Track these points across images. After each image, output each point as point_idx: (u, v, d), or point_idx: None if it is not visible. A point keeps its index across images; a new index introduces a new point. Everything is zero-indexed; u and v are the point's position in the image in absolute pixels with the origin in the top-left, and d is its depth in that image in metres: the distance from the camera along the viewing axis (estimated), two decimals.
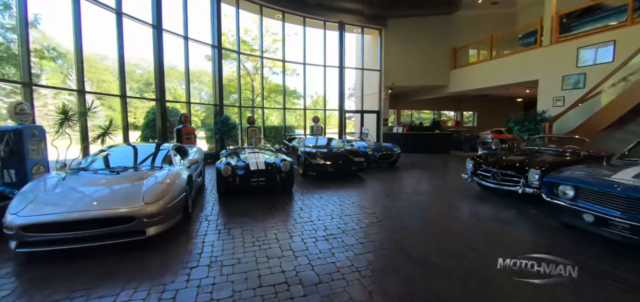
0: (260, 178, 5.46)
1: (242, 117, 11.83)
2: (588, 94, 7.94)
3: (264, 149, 7.41)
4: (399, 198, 5.54)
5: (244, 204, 5.02)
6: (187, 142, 8.75)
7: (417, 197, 5.65)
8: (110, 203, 3.29)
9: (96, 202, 3.30)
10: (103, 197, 3.43)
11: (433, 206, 5.08)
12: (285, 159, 5.84)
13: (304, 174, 7.56)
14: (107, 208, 3.20)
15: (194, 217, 4.33)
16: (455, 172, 8.78)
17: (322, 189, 6.24)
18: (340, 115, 13.97)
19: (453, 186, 6.87)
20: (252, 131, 11.22)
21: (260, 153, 6.40)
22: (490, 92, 16.03)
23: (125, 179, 3.83)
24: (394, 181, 7.33)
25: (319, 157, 7.34)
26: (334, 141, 9.21)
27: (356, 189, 6.26)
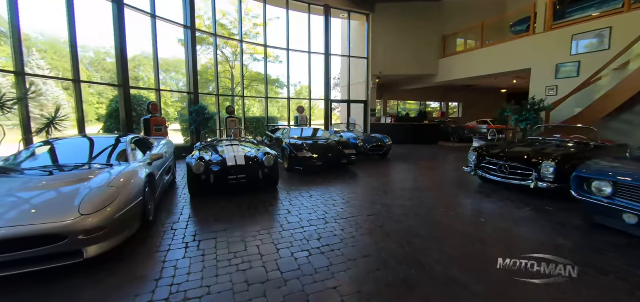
0: (239, 175, 4.67)
1: (220, 107, 10.84)
2: (589, 81, 7.64)
3: (244, 141, 6.59)
4: (399, 196, 4.94)
5: (221, 207, 4.23)
6: (157, 134, 7.77)
7: (418, 194, 5.08)
8: (32, 217, 2.43)
9: (13, 216, 2.43)
10: (23, 208, 2.55)
11: (438, 204, 4.51)
12: (268, 152, 5.08)
13: (290, 169, 6.82)
14: (25, 223, 2.34)
15: (157, 226, 3.51)
16: (450, 164, 8.34)
17: (311, 185, 5.54)
18: (327, 105, 13.25)
19: (453, 179, 6.38)
20: (232, 122, 10.30)
21: (240, 146, 5.59)
22: (478, 83, 15.85)
23: (60, 182, 2.96)
24: (389, 175, 6.74)
25: (306, 149, 6.62)
26: (320, 132, 8.51)
27: (349, 185, 5.61)
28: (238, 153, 4.94)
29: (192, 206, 4.33)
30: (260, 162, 4.86)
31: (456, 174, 6.92)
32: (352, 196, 4.90)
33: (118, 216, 2.72)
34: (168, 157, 5.12)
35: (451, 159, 9.28)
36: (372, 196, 4.93)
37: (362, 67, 13.86)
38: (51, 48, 14.60)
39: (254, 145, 5.93)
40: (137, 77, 13.45)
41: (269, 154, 4.98)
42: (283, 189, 5.25)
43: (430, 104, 22.18)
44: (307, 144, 6.87)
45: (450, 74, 13.22)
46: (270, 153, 5.03)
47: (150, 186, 3.61)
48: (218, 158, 4.82)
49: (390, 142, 8.85)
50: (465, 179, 6.17)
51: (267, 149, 5.39)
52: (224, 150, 5.22)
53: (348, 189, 5.38)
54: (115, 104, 8.28)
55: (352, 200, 4.66)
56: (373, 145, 8.50)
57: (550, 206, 4.23)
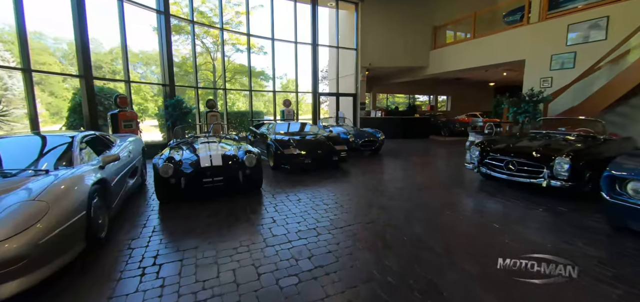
0: (215, 177, 4.03)
1: (200, 101, 10.05)
2: (590, 70, 7.36)
3: (224, 138, 5.92)
4: (397, 196, 4.44)
5: (193, 215, 3.60)
6: (126, 131, 6.97)
7: (417, 194, 4.60)
8: None
9: None
10: None
11: (442, 205, 4.05)
12: (250, 150, 4.46)
13: (276, 167, 6.22)
14: None
15: (111, 245, 2.86)
16: (445, 159, 7.94)
17: (299, 186, 4.97)
18: (315, 98, 12.65)
19: (451, 176, 5.96)
20: (213, 117, 9.55)
21: (220, 144, 4.93)
22: (467, 75, 15.61)
23: None
24: (383, 172, 6.25)
25: (293, 146, 6.02)
26: (308, 126, 7.92)
27: (341, 185, 5.07)
28: (214, 152, 4.29)
29: (159, 215, 3.68)
30: (240, 162, 4.24)
31: (454, 170, 6.51)
32: (346, 198, 4.36)
33: (47, 239, 2.06)
34: (133, 158, 4.42)
35: (445, 153, 8.92)
36: (368, 197, 4.41)
37: (351, 59, 13.30)
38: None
39: (235, 143, 5.27)
40: (115, 70, 12.41)
41: (250, 152, 4.35)
42: (267, 192, 4.66)
43: (419, 98, 21.96)
44: (294, 140, 6.27)
45: (441, 66, 12.86)
46: (252, 151, 4.41)
47: (102, 195, 2.95)
48: (191, 158, 4.16)
49: (383, 137, 8.38)
50: (464, 176, 5.76)
51: (248, 147, 4.76)
52: (199, 148, 4.55)
53: (340, 189, 4.84)
54: (78, 97, 7.39)
55: (346, 203, 4.12)
56: (365, 140, 8.00)
57: (562, 206, 3.83)
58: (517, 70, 14.30)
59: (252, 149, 4.59)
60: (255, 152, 4.44)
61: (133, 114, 7.28)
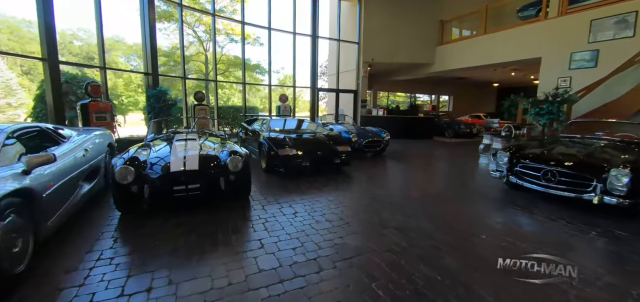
0: (191, 185, 3.22)
1: (187, 93, 9.18)
2: (620, 69, 6.68)
3: (211, 134, 5.09)
4: (416, 212, 3.67)
5: (157, 235, 2.80)
6: (98, 124, 6.12)
7: (440, 209, 3.85)
8: None
9: None
10: None
11: (472, 226, 3.30)
12: (236, 150, 3.65)
13: (269, 170, 5.43)
14: None
15: (32, 281, 2.05)
16: (457, 163, 7.21)
17: (295, 194, 4.19)
18: (313, 94, 11.85)
19: (471, 184, 5.22)
20: (201, 111, 8.71)
21: (201, 141, 4.11)
22: (472, 75, 14.95)
23: None
24: (391, 178, 5.49)
25: (289, 145, 5.23)
26: (306, 123, 7.13)
27: (345, 195, 4.30)
28: (191, 152, 3.47)
29: (114, 234, 2.86)
30: (222, 166, 3.43)
31: (469, 177, 5.79)
32: (351, 212, 3.59)
33: None
34: (91, 157, 3.59)
35: (453, 156, 8.19)
36: (379, 212, 3.64)
37: (353, 53, 12.52)
38: (9, 28, 12.48)
39: (220, 141, 4.44)
40: (109, 62, 11.51)
41: (236, 153, 3.54)
42: (257, 201, 3.87)
43: (420, 97, 21.29)
44: (290, 139, 5.48)
45: (447, 63, 12.15)
46: (239, 152, 3.61)
47: (24, 210, 2.13)
48: (162, 159, 3.35)
49: (388, 137, 7.62)
50: (484, 184, 5.02)
51: (235, 147, 3.94)
52: (175, 147, 3.73)
53: (344, 200, 4.06)
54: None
55: (352, 220, 3.35)
56: (368, 140, 7.23)
57: (621, 229, 3.10)
58: (526, 70, 13.68)
59: (239, 149, 3.78)
60: (243, 153, 3.64)
61: (106, 104, 6.42)
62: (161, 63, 13.11)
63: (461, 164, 7.12)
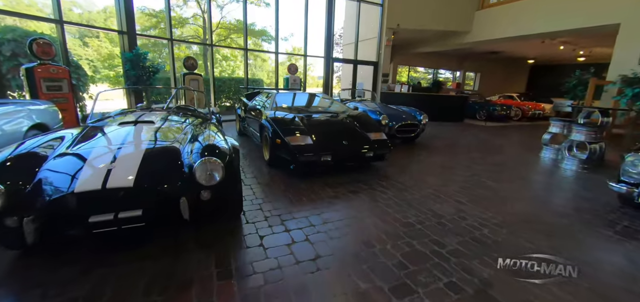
0: (123, 213, 1.71)
1: (175, 59, 7.58)
2: None
3: (185, 114, 3.53)
4: (514, 248, 2.15)
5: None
6: (50, 95, 4.66)
7: (553, 247, 2.31)
8: None
9: None
10: None
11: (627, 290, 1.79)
12: (214, 147, 2.11)
13: (273, 163, 3.93)
14: None
15: None
16: (521, 160, 5.57)
17: (310, 207, 2.70)
18: (328, 65, 10.10)
19: (560, 194, 3.64)
20: (193, 81, 7.15)
21: (158, 125, 2.55)
22: (510, 47, 12.92)
23: None
24: (447, 182, 3.91)
25: (302, 131, 3.68)
26: (321, 98, 5.53)
27: (389, 214, 2.78)
28: (125, 151, 1.93)
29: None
30: (185, 175, 1.89)
31: (549, 178, 4.22)
32: (412, 254, 2.08)
33: None
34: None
35: (505, 147, 6.55)
36: (455, 256, 2.12)
37: (374, 18, 10.61)
38: None
39: (196, 126, 2.86)
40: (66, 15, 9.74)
41: (214, 151, 2.00)
42: (253, 219, 2.41)
43: (442, 74, 19.22)
44: (303, 120, 3.93)
45: (487, 32, 10.19)
46: (219, 149, 2.07)
47: None
48: (70, 167, 1.83)
49: (426, 120, 5.99)
50: (580, 192, 3.45)
51: (216, 137, 2.36)
52: (106, 139, 2.19)
53: (392, 228, 2.54)
54: None
55: (419, 279, 1.84)
56: (402, 124, 5.62)
57: None
58: (580, 43, 11.60)
59: (221, 142, 2.24)
60: (225, 150, 2.11)
61: (63, 70, 4.89)
62: (150, 25, 11.38)
63: (525, 160, 5.50)
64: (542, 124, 11.65)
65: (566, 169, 4.83)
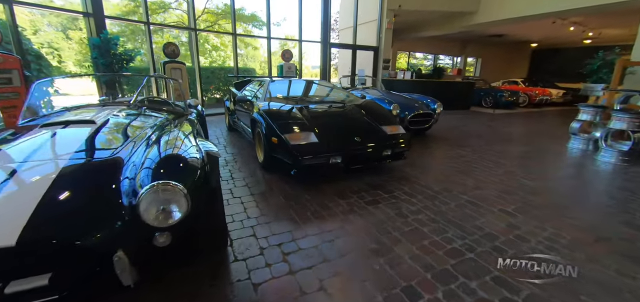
0: (12, 288, 0.98)
1: (152, 45, 6.72)
2: None
3: (158, 107, 2.77)
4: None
5: None
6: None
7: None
8: None
9: None
10: None
11: None
12: (182, 160, 1.37)
13: (268, 166, 3.22)
14: None
15: None
16: (548, 151, 4.92)
17: (324, 230, 2.01)
18: (325, 51, 9.30)
19: (626, 192, 3.00)
20: (176, 71, 6.32)
21: (96, 127, 1.75)
22: (514, 30, 12.23)
23: None
24: (480, 185, 3.23)
25: (303, 124, 2.96)
26: (318, 84, 4.79)
27: (424, 226, 2.10)
28: (11, 190, 1.16)
29: None
30: (127, 219, 1.15)
31: (596, 176, 3.59)
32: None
33: None
34: None
35: (526, 134, 5.92)
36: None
37: (372, 2, 9.79)
38: None
39: (164, 128, 2.06)
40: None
41: (181, 166, 1.28)
42: (244, 262, 1.70)
43: (442, 60, 18.50)
44: (302, 112, 3.20)
45: (496, 12, 9.46)
46: (187, 163, 1.34)
47: None
48: None
49: (440, 109, 5.30)
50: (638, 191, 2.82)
51: (186, 146, 1.58)
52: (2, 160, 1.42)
53: (436, 254, 1.87)
54: None
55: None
56: (415, 113, 4.92)
57: None
58: (593, 25, 10.98)
59: (190, 153, 1.48)
60: (198, 162, 1.37)
61: (13, 59, 4.05)
62: (128, 10, 10.34)
63: (554, 152, 4.88)
64: (552, 110, 11.11)
65: (603, 161, 4.22)
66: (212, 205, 1.51)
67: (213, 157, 1.56)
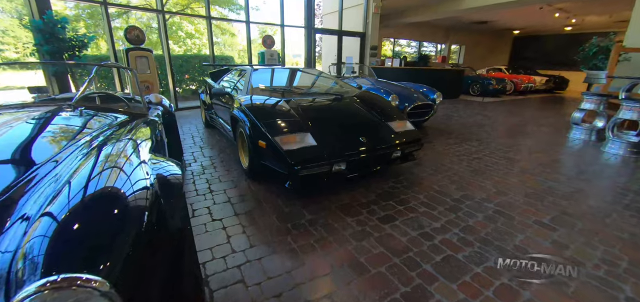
0: None
1: (112, 29, 5.83)
2: None
3: (104, 109, 2.13)
4: None
5: None
6: None
7: None
8: None
9: None
10: None
11: None
12: (100, 216, 0.82)
13: (255, 174, 2.66)
14: None
15: None
16: (542, 136, 4.64)
17: (334, 265, 1.50)
18: (310, 37, 8.64)
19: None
20: (141, 60, 5.52)
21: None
22: (498, 16, 12.09)
23: None
24: (502, 181, 2.82)
25: (294, 124, 2.41)
26: (307, 73, 4.22)
27: (457, 250, 1.65)
28: None
29: None
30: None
31: (615, 171, 3.30)
32: None
33: None
34: None
35: (524, 124, 5.65)
36: None
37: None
38: None
39: (103, 141, 1.43)
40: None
41: (108, 232, 0.72)
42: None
43: (427, 47, 18.27)
44: (294, 106, 2.64)
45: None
46: (125, 206, 0.78)
47: None
48: None
49: (440, 99, 4.90)
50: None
51: (120, 179, 0.99)
52: None
53: (483, 294, 1.41)
54: None
55: None
56: (415, 105, 4.46)
57: None
58: (571, 12, 10.98)
59: (125, 192, 0.90)
60: (144, 207, 0.82)
61: None
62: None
63: (560, 144, 4.61)
64: (537, 98, 11.10)
65: (611, 154, 3.99)
66: (175, 265, 0.96)
67: (173, 186, 1.00)
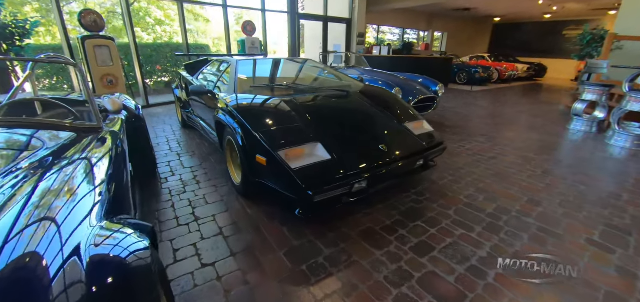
0: None
1: (62, 12, 4.96)
2: None
3: (40, 124, 1.54)
4: None
5: None
6: None
7: None
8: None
9: None
10: None
11: None
12: None
13: (249, 193, 2.16)
14: None
15: None
16: (544, 128, 4.45)
17: None
18: (293, 24, 8.01)
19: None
20: (101, 49, 4.73)
21: None
22: (481, 5, 11.97)
23: None
24: (528, 186, 2.50)
25: (300, 133, 1.94)
26: (301, 64, 3.69)
27: (521, 290, 1.29)
28: None
29: None
30: None
31: (635, 168, 3.10)
32: None
33: None
34: None
35: (521, 115, 5.48)
36: None
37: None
38: None
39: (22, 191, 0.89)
40: None
41: None
42: None
43: (409, 34, 18.04)
44: (297, 108, 2.15)
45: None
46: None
47: None
48: None
49: (443, 91, 4.56)
50: None
51: (65, 258, 0.50)
52: None
53: None
54: None
55: None
56: (419, 99, 4.08)
57: None
58: (553, 0, 11.02)
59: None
60: None
61: None
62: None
63: (565, 138, 4.43)
64: (521, 86, 11.15)
65: (618, 146, 3.86)
66: None
67: (134, 273, 0.53)
